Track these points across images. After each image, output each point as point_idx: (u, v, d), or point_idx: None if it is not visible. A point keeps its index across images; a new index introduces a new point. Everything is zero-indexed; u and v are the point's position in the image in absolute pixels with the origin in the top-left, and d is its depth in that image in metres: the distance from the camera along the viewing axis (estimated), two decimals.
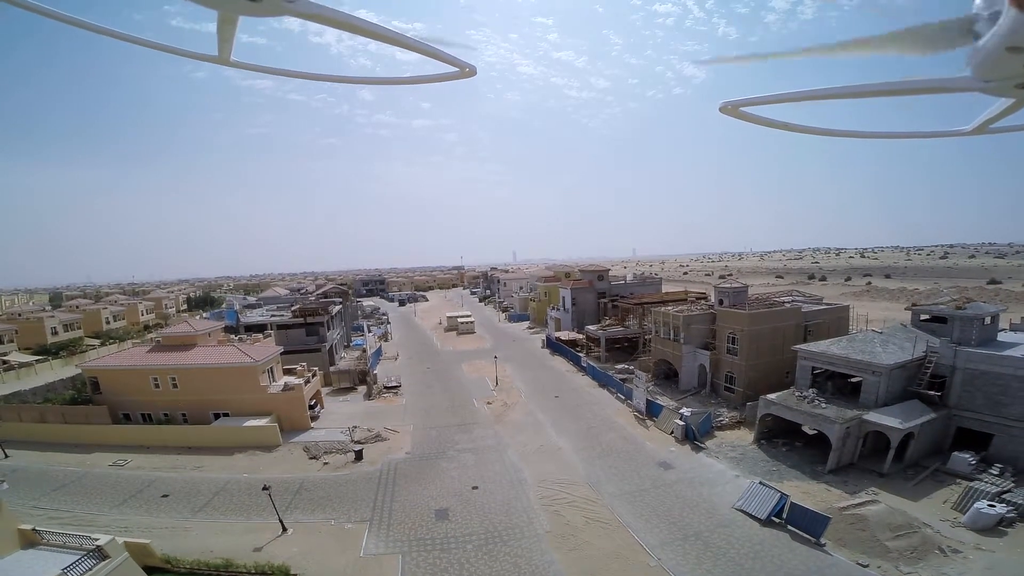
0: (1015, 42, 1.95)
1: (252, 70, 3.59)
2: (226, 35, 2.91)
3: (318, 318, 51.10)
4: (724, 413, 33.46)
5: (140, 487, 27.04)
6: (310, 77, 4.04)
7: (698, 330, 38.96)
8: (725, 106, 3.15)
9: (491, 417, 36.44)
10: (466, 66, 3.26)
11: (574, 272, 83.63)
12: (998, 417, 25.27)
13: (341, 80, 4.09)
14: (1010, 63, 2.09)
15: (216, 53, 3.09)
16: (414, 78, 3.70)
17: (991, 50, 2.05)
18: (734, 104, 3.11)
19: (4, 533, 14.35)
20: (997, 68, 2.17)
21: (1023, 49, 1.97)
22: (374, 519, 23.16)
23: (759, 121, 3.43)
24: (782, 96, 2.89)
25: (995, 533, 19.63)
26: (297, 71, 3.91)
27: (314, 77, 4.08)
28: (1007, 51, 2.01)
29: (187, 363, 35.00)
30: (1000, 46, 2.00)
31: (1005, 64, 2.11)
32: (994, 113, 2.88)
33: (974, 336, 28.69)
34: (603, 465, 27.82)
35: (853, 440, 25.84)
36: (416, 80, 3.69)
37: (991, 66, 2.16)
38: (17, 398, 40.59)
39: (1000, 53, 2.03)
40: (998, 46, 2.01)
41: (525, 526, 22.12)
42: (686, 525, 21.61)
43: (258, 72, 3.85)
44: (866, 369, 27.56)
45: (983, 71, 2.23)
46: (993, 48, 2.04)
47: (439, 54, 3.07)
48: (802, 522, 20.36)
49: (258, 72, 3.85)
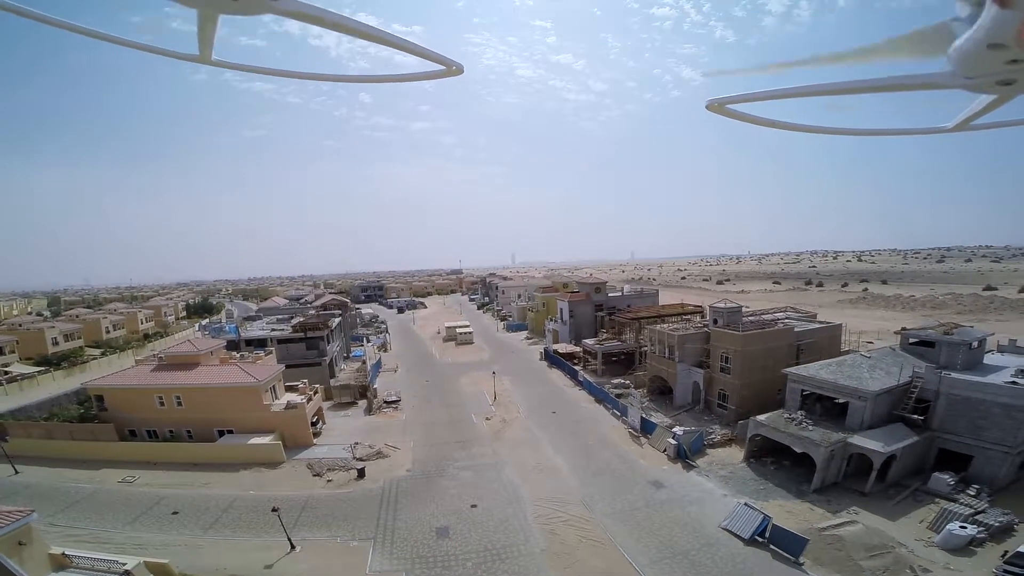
0: (996, 39, 1.96)
1: (234, 69, 3.58)
2: (207, 34, 2.91)
3: (318, 333, 52.05)
4: (716, 430, 34.53)
5: (150, 504, 27.92)
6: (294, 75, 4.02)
7: (692, 349, 40.07)
8: (712, 103, 3.18)
9: (489, 434, 37.43)
10: (453, 64, 3.29)
11: (572, 284, 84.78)
12: (978, 440, 26.41)
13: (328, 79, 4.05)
14: (991, 60, 2.11)
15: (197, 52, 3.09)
16: (403, 76, 3.70)
17: (972, 47, 2.07)
18: (721, 101, 3.15)
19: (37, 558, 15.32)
20: (978, 65, 2.18)
21: (1004, 46, 1.99)
22: (378, 537, 24.13)
23: (746, 119, 3.45)
24: (769, 93, 2.92)
25: (965, 553, 20.75)
26: (281, 70, 3.89)
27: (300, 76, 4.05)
28: (988, 48, 2.03)
29: (191, 383, 35.94)
30: (981, 43, 2.02)
31: (986, 61, 2.13)
32: (976, 109, 2.90)
33: (960, 360, 29.92)
34: (597, 483, 28.83)
35: (838, 461, 26.95)
36: (405, 78, 3.69)
37: (973, 63, 2.18)
38: (24, 414, 41.35)
39: (981, 50, 2.06)
40: (979, 43, 2.03)
41: (522, 544, 23.12)
42: (674, 544, 22.66)
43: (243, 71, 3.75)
44: (852, 394, 28.65)
45: (965, 68, 2.24)
46: (974, 45, 2.06)
47: (425, 52, 3.13)
48: (783, 542, 21.46)
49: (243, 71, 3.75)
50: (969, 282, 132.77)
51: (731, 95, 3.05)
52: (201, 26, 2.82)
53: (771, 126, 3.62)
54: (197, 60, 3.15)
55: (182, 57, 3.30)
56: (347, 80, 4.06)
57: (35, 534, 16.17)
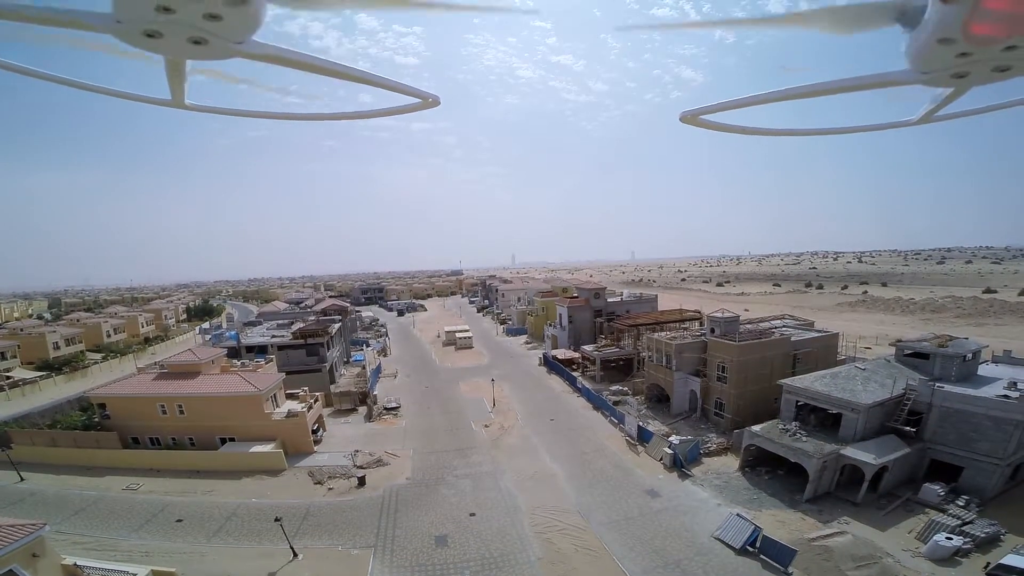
0: (944, 34, 2.05)
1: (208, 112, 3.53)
2: (176, 78, 2.91)
3: (318, 339, 52.49)
4: (712, 439, 34.98)
5: (155, 511, 28.40)
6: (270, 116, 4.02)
7: (689, 358, 40.55)
8: (685, 115, 3.21)
9: (488, 441, 37.91)
10: (429, 96, 3.30)
11: (571, 288, 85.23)
12: (969, 452, 26.91)
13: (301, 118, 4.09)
14: (943, 54, 2.20)
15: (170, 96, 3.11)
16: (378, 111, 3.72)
17: (924, 43, 2.17)
18: (693, 113, 3.19)
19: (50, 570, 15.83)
20: (932, 60, 2.28)
21: (953, 40, 2.06)
22: (378, 545, 24.62)
23: (720, 128, 3.50)
24: (739, 101, 2.97)
25: (950, 563, 21.22)
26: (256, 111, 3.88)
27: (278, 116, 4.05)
28: (938, 43, 2.11)
29: (192, 392, 36.42)
30: (931, 39, 2.11)
31: (938, 56, 2.22)
32: (937, 102, 3.00)
33: (954, 372, 30.41)
34: (594, 493, 29.29)
35: (830, 472, 27.44)
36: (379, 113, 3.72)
37: (926, 58, 2.28)
38: (27, 421, 41.82)
39: (932, 46, 2.15)
40: (929, 39, 2.12)
41: (519, 553, 23.61)
42: (667, 553, 23.13)
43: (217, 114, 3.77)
44: (846, 406, 29.10)
45: (919, 63, 2.35)
46: (925, 41, 2.15)
47: (400, 87, 3.13)
48: (772, 552, 21.97)
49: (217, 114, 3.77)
50: (969, 284, 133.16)
51: (704, 106, 3.12)
52: (169, 72, 2.83)
53: (745, 132, 3.69)
54: (170, 104, 3.18)
55: (155, 102, 3.26)
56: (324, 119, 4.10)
57: (48, 546, 16.67)
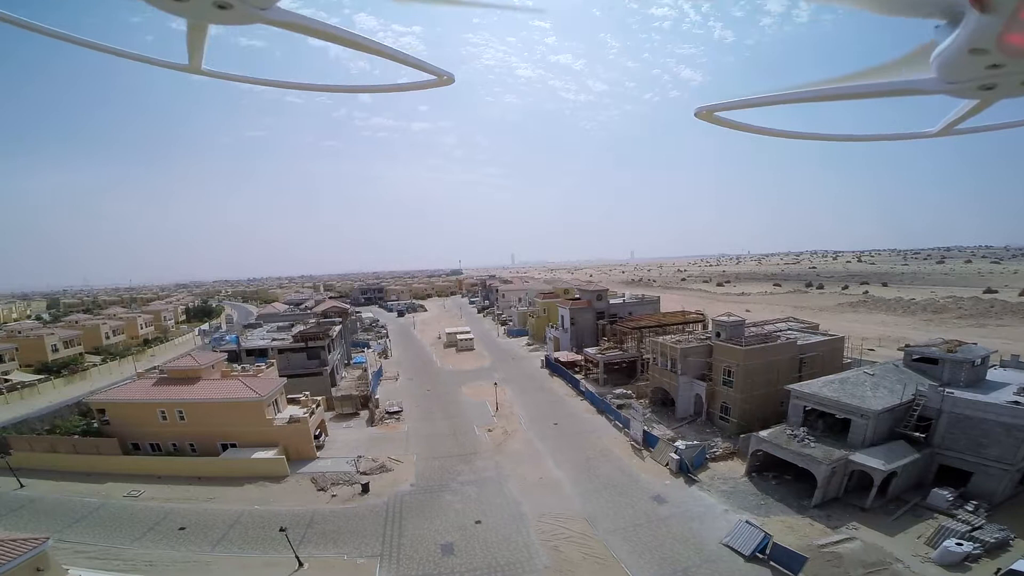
0: (977, 44, 1.98)
1: (224, 78, 3.51)
2: (196, 43, 2.88)
3: (319, 342, 52.12)
4: (718, 444, 34.74)
5: (157, 519, 28.07)
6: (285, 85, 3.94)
7: (694, 362, 40.28)
8: (700, 111, 3.16)
9: (492, 446, 37.64)
10: (444, 73, 3.27)
11: (572, 290, 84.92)
12: (978, 457, 26.76)
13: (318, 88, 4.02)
14: (972, 65, 2.12)
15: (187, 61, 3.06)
16: (392, 86, 3.68)
17: (954, 52, 2.09)
18: (709, 108, 3.12)
19: None
20: (960, 70, 2.20)
21: (985, 51, 2.00)
22: (384, 553, 24.34)
23: (735, 126, 3.43)
24: (757, 100, 2.91)
25: (960, 569, 21.07)
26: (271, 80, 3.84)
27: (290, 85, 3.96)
28: (969, 53, 2.04)
29: (193, 397, 36.12)
30: (963, 48, 2.04)
31: (968, 66, 2.14)
32: (959, 114, 2.91)
33: (963, 378, 30.21)
34: (600, 499, 29.05)
35: (839, 478, 27.24)
36: (394, 88, 3.69)
37: (954, 68, 2.19)
38: (26, 425, 41.47)
39: (963, 55, 2.07)
40: (961, 48, 2.04)
41: (525, 562, 23.37)
42: (676, 561, 22.92)
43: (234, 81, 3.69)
44: (855, 412, 28.89)
45: (947, 73, 2.26)
46: (956, 50, 2.07)
47: (417, 63, 3.11)
48: (783, 559, 21.77)
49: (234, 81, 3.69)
50: (969, 284, 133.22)
51: (719, 102, 3.06)
52: (190, 35, 2.81)
53: (761, 133, 3.59)
54: (187, 70, 3.11)
55: (172, 66, 3.23)
56: (338, 90, 4.04)
57: (51, 559, 16.38)
